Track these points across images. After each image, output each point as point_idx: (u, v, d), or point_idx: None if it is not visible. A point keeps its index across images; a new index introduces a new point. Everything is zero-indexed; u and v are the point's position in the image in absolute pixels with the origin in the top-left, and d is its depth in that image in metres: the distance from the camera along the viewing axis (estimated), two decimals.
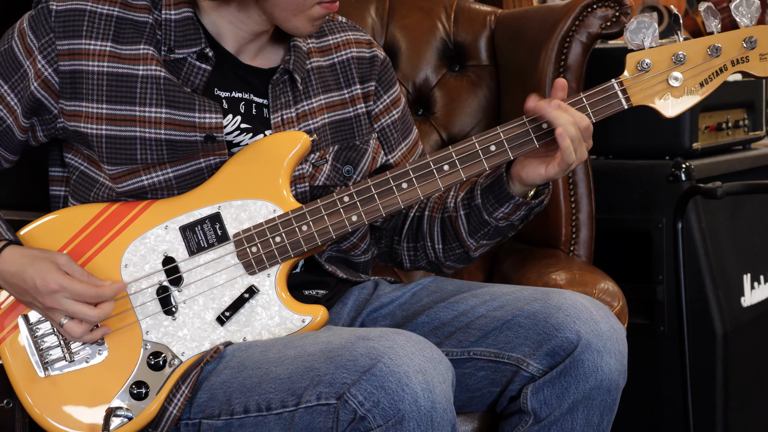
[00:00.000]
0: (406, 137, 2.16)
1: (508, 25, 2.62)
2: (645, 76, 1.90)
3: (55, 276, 1.82)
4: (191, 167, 1.92)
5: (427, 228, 2.11)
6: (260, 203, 1.91)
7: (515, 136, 1.91)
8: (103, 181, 1.93)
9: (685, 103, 1.91)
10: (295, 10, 1.90)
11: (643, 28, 1.89)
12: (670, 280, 2.75)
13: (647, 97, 1.90)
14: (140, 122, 1.89)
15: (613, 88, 1.91)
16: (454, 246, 2.09)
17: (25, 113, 1.93)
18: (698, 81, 1.90)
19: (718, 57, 1.90)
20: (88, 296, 1.83)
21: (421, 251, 2.14)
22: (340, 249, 2.08)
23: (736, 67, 1.90)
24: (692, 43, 1.90)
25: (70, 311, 1.83)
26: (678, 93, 1.90)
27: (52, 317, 1.85)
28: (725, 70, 1.90)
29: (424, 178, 1.92)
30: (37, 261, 1.84)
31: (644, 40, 1.89)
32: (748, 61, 1.90)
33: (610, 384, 1.86)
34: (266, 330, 1.88)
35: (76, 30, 1.90)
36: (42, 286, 1.82)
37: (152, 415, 1.85)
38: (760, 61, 1.90)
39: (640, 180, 2.82)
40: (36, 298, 1.83)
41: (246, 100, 1.97)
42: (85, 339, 1.86)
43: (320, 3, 1.90)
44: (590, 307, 1.89)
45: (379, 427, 1.69)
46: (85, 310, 1.83)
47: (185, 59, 1.93)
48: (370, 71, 2.11)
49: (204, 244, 1.90)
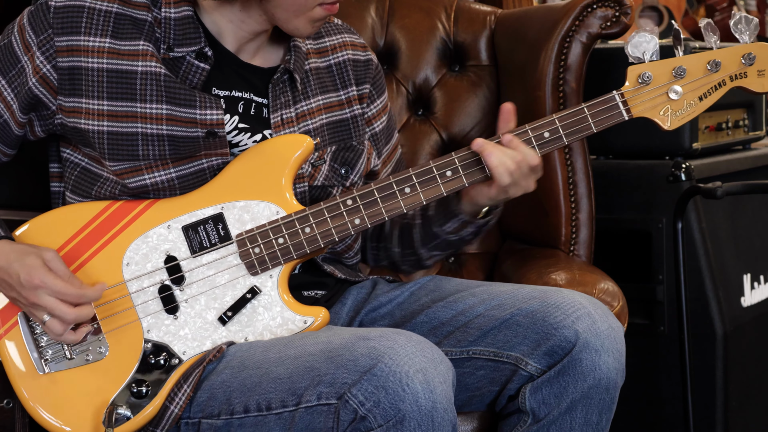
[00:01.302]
0: (388, 142, 2.19)
1: (508, 25, 2.62)
2: (645, 89, 1.93)
3: (39, 272, 1.82)
4: (194, 167, 1.92)
5: (389, 231, 2.14)
6: (263, 204, 1.91)
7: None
8: (107, 176, 1.92)
9: (684, 116, 1.94)
10: (297, 11, 1.90)
11: (643, 42, 1.93)
12: (670, 280, 2.76)
13: (647, 109, 1.94)
14: (141, 118, 1.90)
15: (614, 100, 1.93)
16: (409, 252, 2.12)
17: (22, 109, 1.93)
18: (697, 95, 1.94)
19: (717, 72, 1.94)
20: (69, 295, 1.82)
21: (383, 251, 2.17)
22: (335, 251, 2.09)
23: (735, 82, 1.95)
24: (692, 58, 1.94)
25: (49, 308, 1.82)
26: (677, 106, 1.94)
27: (35, 314, 1.84)
28: (723, 84, 1.95)
29: (427, 183, 1.92)
30: (24, 256, 1.84)
31: (644, 53, 1.92)
32: (746, 77, 1.95)
33: (608, 383, 1.87)
34: (268, 330, 1.88)
35: (75, 26, 1.90)
36: (26, 281, 1.82)
37: (152, 414, 1.86)
38: (757, 77, 1.95)
39: (640, 180, 2.82)
40: (20, 293, 1.83)
41: (245, 100, 1.97)
42: (66, 338, 1.85)
43: (321, 4, 1.90)
44: (588, 305, 1.90)
45: (379, 427, 1.69)
46: (63, 309, 1.82)
47: (184, 58, 1.93)
48: (365, 74, 2.12)
49: (206, 244, 1.90)
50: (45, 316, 1.83)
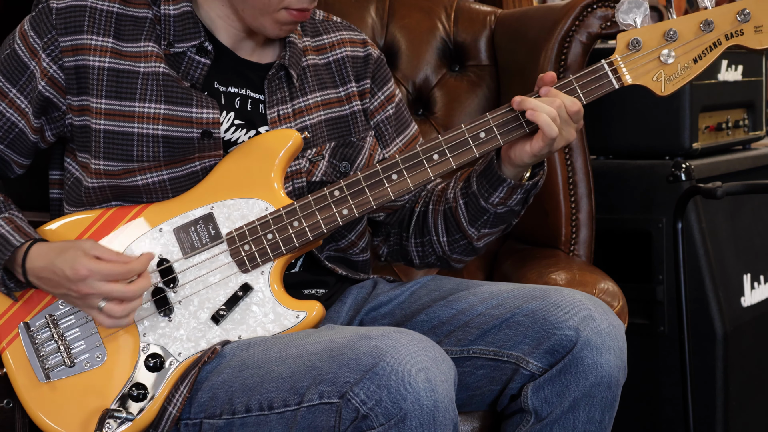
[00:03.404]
0: (401, 132, 2.17)
1: (508, 25, 2.62)
2: (636, 55, 1.88)
3: (83, 261, 1.81)
4: (186, 170, 1.92)
5: (432, 221, 2.11)
6: (252, 201, 1.91)
7: (504, 122, 1.90)
8: (94, 185, 1.92)
9: (678, 80, 1.89)
10: (262, 9, 1.90)
11: (633, 8, 1.88)
12: (670, 280, 2.76)
13: (639, 76, 1.89)
14: (138, 118, 1.90)
15: (603, 69, 1.90)
16: (458, 237, 2.09)
17: (35, 114, 1.93)
18: (691, 57, 1.89)
19: (711, 32, 1.88)
20: (119, 274, 1.82)
21: (428, 246, 2.14)
22: (339, 248, 2.08)
23: (731, 40, 1.88)
24: (684, 20, 1.89)
25: (105, 292, 1.81)
26: (671, 70, 1.89)
27: (89, 304, 1.84)
28: (719, 44, 1.89)
29: (414, 168, 1.91)
30: (63, 251, 1.83)
31: (635, 19, 1.88)
32: (742, 35, 1.88)
33: (610, 381, 1.86)
34: (261, 327, 1.88)
35: (78, 26, 1.91)
36: (72, 274, 1.81)
37: (152, 416, 1.86)
38: (755, 34, 1.88)
39: (640, 180, 2.82)
40: (70, 288, 1.82)
41: (242, 96, 1.98)
42: (126, 322, 1.84)
43: (287, 9, 1.90)
44: (589, 304, 1.90)
45: (381, 426, 1.69)
46: (120, 288, 1.81)
47: (184, 53, 1.94)
48: (365, 70, 2.12)
49: (198, 244, 1.90)
50: (101, 303, 1.82)
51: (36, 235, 1.90)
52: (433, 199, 2.12)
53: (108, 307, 1.82)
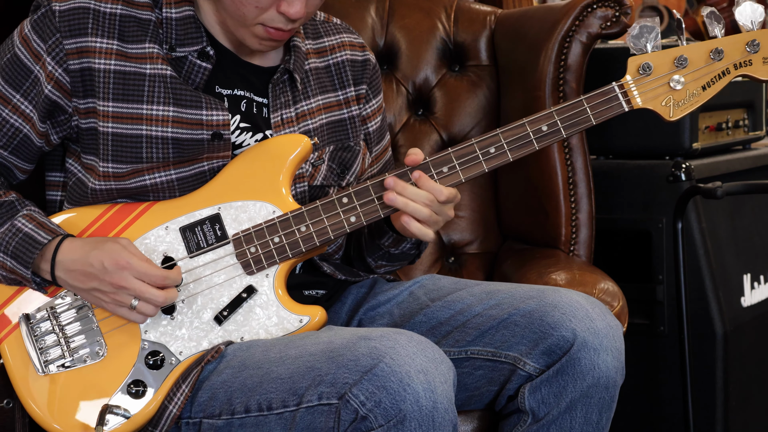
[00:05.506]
0: (379, 142, 2.19)
1: (508, 25, 2.62)
2: (646, 80, 1.90)
3: (124, 253, 1.81)
4: (195, 170, 1.92)
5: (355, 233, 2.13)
6: (260, 204, 1.91)
7: (516, 139, 1.91)
8: (100, 187, 1.91)
9: (687, 106, 1.91)
10: (239, 21, 1.89)
11: (645, 33, 1.90)
12: (670, 280, 2.76)
13: (649, 100, 1.91)
14: (147, 120, 1.89)
15: (614, 91, 1.91)
16: (359, 258, 2.12)
17: (41, 118, 1.92)
18: (700, 84, 1.91)
19: (720, 60, 1.91)
20: (155, 276, 1.82)
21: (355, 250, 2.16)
22: (326, 252, 2.09)
23: (739, 70, 1.91)
24: (694, 47, 1.91)
25: (138, 290, 1.81)
26: (679, 96, 1.91)
27: (120, 300, 1.83)
28: (728, 73, 1.91)
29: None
30: (101, 244, 1.83)
31: (646, 44, 1.90)
32: (750, 65, 1.91)
33: (607, 381, 1.86)
34: (264, 330, 1.88)
35: (82, 28, 1.89)
36: (111, 264, 1.81)
37: (151, 414, 1.86)
38: (763, 65, 1.91)
39: (640, 180, 2.82)
40: (104, 279, 1.82)
41: (247, 99, 1.97)
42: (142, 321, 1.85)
43: (263, 25, 1.89)
44: (586, 304, 1.90)
45: (380, 427, 1.69)
46: (153, 291, 1.81)
47: (186, 57, 1.93)
48: (362, 74, 2.12)
49: (203, 244, 1.90)
50: (133, 301, 1.82)
51: (62, 231, 1.89)
52: None
53: (141, 305, 1.82)
